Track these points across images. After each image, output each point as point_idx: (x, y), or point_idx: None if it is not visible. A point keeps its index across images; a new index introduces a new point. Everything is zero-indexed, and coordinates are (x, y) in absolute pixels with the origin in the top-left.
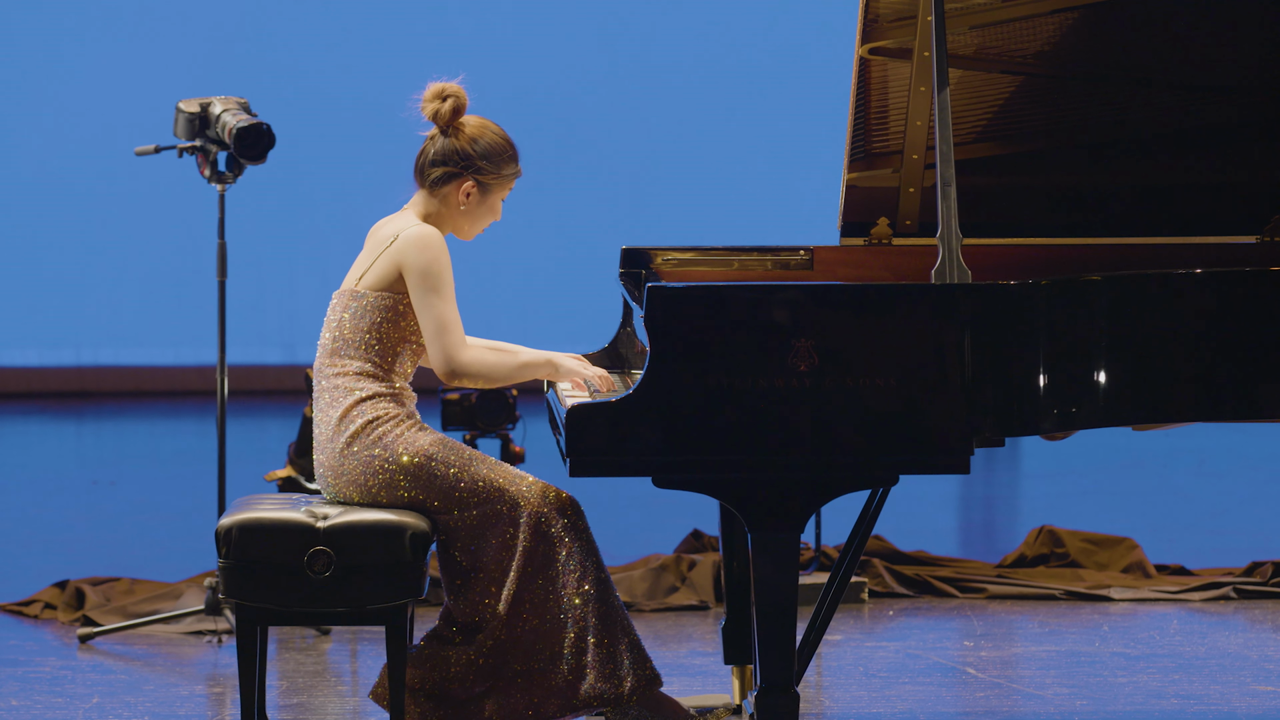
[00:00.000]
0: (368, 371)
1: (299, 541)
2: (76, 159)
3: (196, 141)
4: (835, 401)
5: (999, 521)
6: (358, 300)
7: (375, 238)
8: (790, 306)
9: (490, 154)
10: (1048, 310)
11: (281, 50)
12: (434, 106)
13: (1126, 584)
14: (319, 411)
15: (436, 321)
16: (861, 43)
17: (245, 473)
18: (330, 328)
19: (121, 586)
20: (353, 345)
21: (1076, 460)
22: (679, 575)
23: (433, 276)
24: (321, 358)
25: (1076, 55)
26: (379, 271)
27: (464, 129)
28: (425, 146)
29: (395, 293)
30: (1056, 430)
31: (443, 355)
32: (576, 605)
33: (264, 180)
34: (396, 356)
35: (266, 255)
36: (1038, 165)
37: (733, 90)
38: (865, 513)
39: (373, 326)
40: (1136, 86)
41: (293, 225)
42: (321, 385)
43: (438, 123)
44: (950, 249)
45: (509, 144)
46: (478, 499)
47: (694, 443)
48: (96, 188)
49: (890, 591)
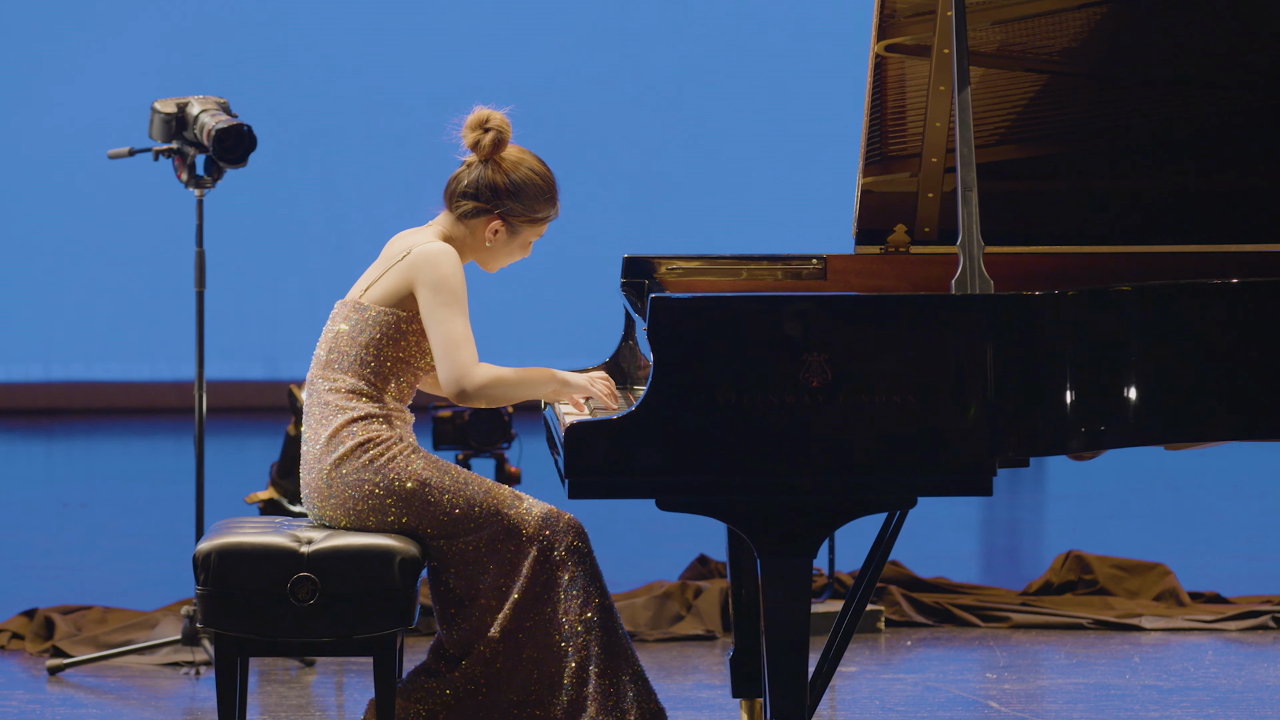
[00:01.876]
0: (361, 390)
1: (282, 567)
2: (46, 162)
3: (173, 144)
4: (849, 419)
5: (1023, 546)
6: (359, 313)
7: (390, 250)
8: (802, 318)
9: (524, 194)
10: (1075, 322)
11: (263, 47)
12: (475, 136)
13: (1159, 613)
14: (308, 427)
15: (447, 337)
16: (877, 39)
17: (225, 495)
18: (327, 338)
19: (93, 615)
20: (348, 359)
21: (1105, 481)
22: (684, 603)
23: (446, 291)
24: (315, 369)
25: (1106, 52)
26: (387, 285)
27: (502, 163)
28: (459, 173)
29: (401, 310)
30: (1084, 449)
31: (453, 373)
32: (578, 633)
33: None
34: (393, 378)
35: (248, 264)
36: (1064, 169)
37: (741, 90)
38: (881, 537)
39: (371, 342)
40: (1169, 85)
41: (276, 232)
42: (313, 399)
43: (477, 154)
44: (971, 257)
45: (547, 184)
46: (474, 524)
47: (700, 463)
48: (67, 192)
49: (908, 620)
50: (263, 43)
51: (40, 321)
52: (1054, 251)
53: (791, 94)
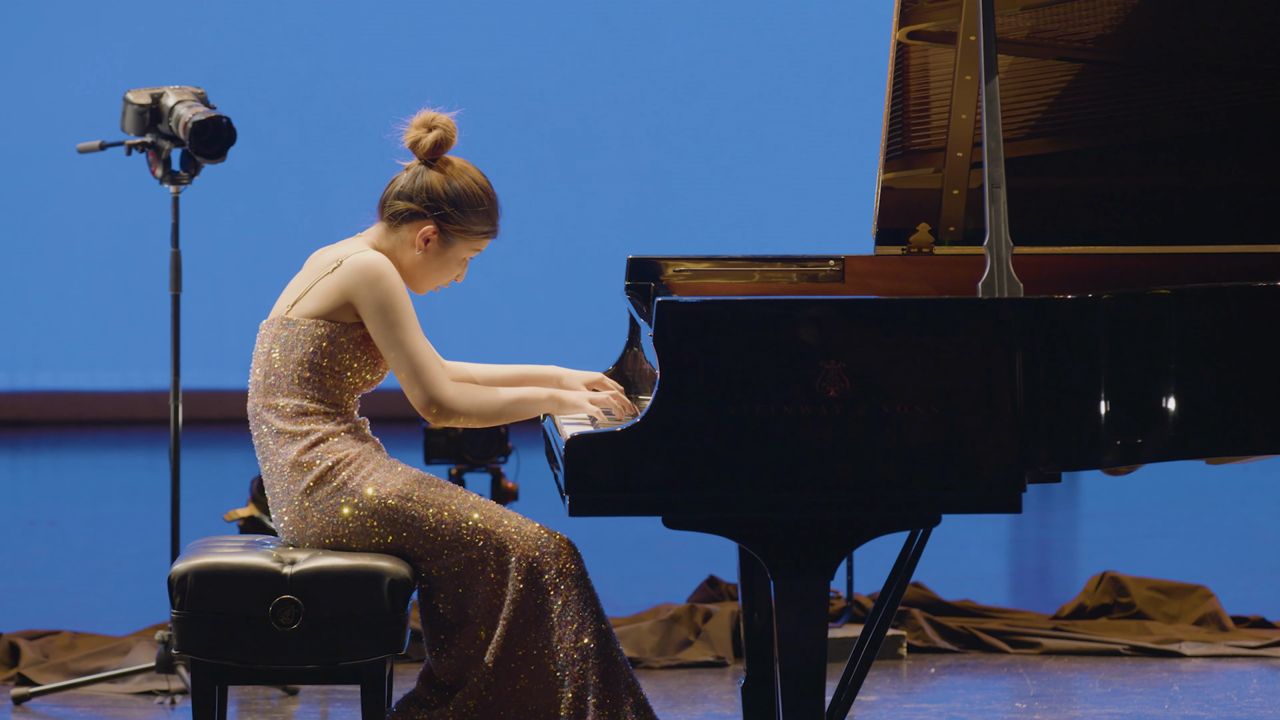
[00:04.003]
0: (308, 410)
1: (263, 589)
2: (11, 156)
3: (147, 137)
4: (869, 431)
5: (1055, 567)
6: (288, 329)
7: (316, 261)
8: (818, 324)
9: (462, 201)
10: (1110, 328)
11: (244, 32)
12: (416, 135)
13: (1200, 638)
14: (264, 461)
15: (409, 361)
16: (899, 25)
17: (202, 512)
18: (259, 363)
19: (61, 641)
20: (285, 380)
21: (1143, 498)
22: (693, 628)
23: (393, 310)
24: (255, 398)
25: (1145, 39)
26: (317, 298)
27: (443, 168)
28: (397, 177)
29: (333, 321)
30: (1120, 464)
31: (424, 397)
32: (575, 661)
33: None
34: (336, 390)
35: (227, 266)
36: (1099, 164)
37: (752, 80)
38: (903, 557)
39: (305, 358)
40: (1212, 75)
41: (257, 232)
42: (260, 430)
43: (416, 153)
44: (999, 259)
45: (487, 197)
46: (461, 543)
47: (709, 478)
48: (33, 189)
49: (932, 646)
50: (243, 28)
51: (4, 327)
52: (1088, 252)
53: (806, 85)
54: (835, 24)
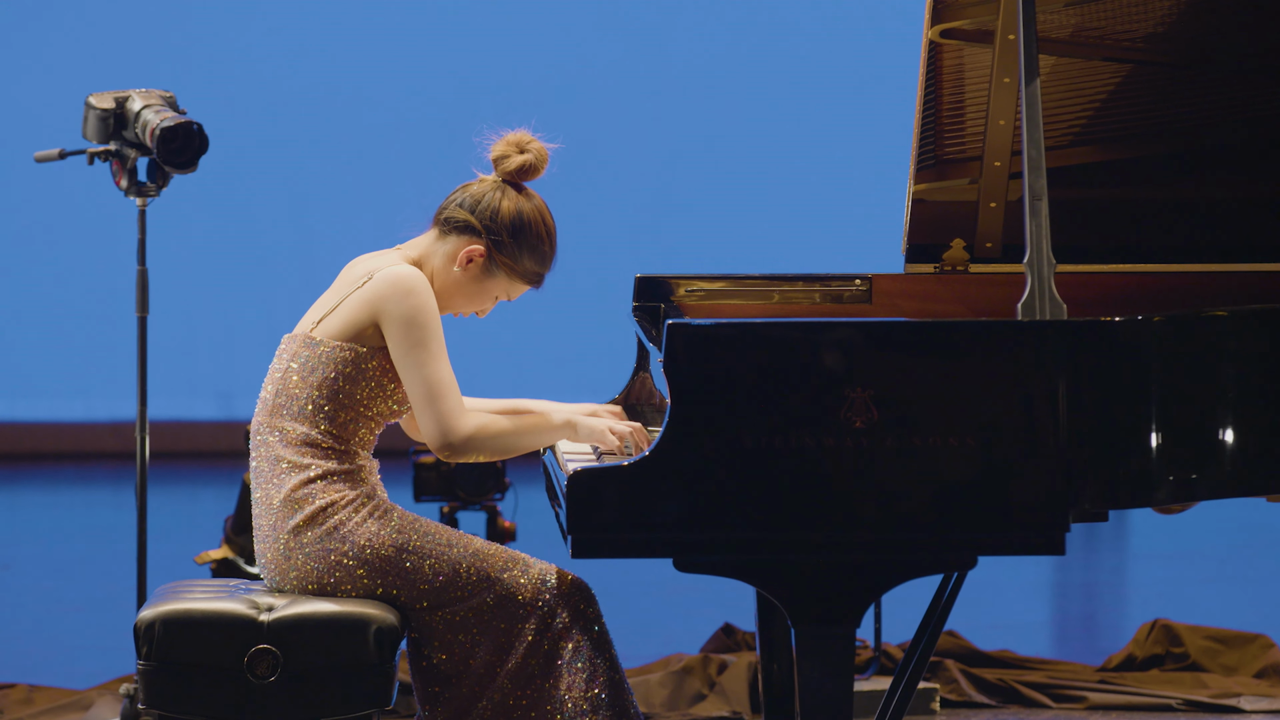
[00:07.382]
0: (316, 441)
1: (238, 639)
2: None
3: (111, 145)
4: (898, 466)
5: (1102, 614)
6: (310, 349)
7: (347, 275)
8: (843, 348)
9: (522, 234)
10: (1162, 353)
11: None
12: (505, 151)
13: (1260, 692)
14: (257, 487)
15: (427, 385)
16: (931, 23)
17: (171, 554)
18: (274, 379)
19: (17, 694)
20: (298, 404)
21: (1198, 539)
22: (707, 680)
23: (419, 328)
24: (261, 416)
25: (1198, 39)
26: (344, 316)
27: (518, 193)
28: (468, 184)
29: (360, 345)
30: (1173, 501)
31: (438, 427)
32: (584, 713)
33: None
34: (352, 424)
35: (198, 285)
36: (1149, 174)
37: (770, 82)
38: (936, 603)
39: (325, 383)
40: (1270, 77)
41: (231, 248)
42: (260, 452)
43: (497, 170)
44: (1041, 277)
45: (549, 241)
46: (461, 592)
47: (724, 516)
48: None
49: (967, 700)
50: (216, 27)
51: None
52: (1137, 270)
53: (829, 88)
54: (862, 22)
